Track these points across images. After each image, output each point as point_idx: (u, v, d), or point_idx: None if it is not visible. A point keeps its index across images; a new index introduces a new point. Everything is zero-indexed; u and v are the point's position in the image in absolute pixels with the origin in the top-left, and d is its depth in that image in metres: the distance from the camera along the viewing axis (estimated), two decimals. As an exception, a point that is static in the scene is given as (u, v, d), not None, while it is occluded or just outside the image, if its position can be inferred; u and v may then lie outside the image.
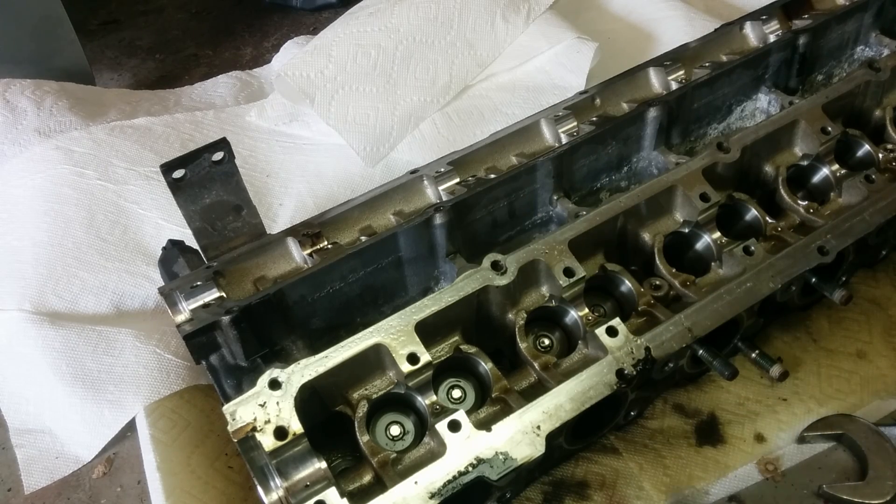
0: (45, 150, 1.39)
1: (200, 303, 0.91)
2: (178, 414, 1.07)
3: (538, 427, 0.82)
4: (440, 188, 1.06)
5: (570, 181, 1.13)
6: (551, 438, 0.82)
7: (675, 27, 1.63)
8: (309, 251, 0.98)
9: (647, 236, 1.05)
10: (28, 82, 1.54)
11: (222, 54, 1.92)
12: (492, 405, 0.91)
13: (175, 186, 0.91)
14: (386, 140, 1.42)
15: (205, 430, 1.06)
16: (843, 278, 1.11)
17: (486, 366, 0.92)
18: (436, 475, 0.78)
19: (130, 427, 1.08)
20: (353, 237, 1.03)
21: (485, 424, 0.82)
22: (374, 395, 0.89)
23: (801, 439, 1.01)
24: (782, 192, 1.10)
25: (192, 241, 0.98)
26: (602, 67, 1.50)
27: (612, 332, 0.89)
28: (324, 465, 0.80)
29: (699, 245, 1.06)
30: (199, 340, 0.89)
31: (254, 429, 0.79)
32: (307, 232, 0.99)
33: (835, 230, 1.00)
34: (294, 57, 1.53)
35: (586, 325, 0.93)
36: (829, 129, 1.13)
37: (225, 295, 0.92)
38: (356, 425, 0.87)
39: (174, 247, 1.00)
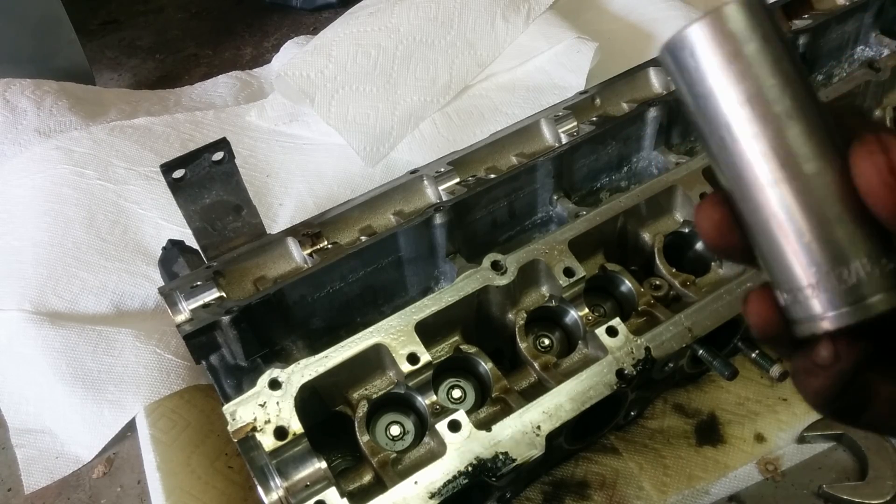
0: (45, 150, 1.39)
1: (200, 303, 0.91)
2: (178, 414, 1.07)
3: (538, 427, 0.82)
4: (440, 188, 1.06)
5: (570, 181, 1.13)
6: (551, 438, 0.82)
7: (675, 27, 1.62)
8: (309, 251, 0.98)
9: (647, 236, 1.05)
10: (28, 82, 1.54)
11: (222, 54, 1.92)
12: (492, 405, 0.91)
13: (175, 186, 0.91)
14: (386, 140, 1.42)
15: (205, 430, 1.06)
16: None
17: (486, 366, 0.93)
18: (436, 475, 0.78)
19: (130, 427, 1.08)
20: (353, 237, 1.03)
21: (485, 424, 0.82)
22: (374, 395, 0.89)
23: (801, 439, 1.01)
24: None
25: (192, 241, 0.98)
26: (602, 67, 1.50)
27: (612, 332, 0.89)
28: (324, 465, 0.80)
29: (699, 245, 1.06)
30: (199, 340, 0.89)
31: (254, 429, 0.79)
32: (307, 232, 0.99)
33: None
34: (294, 57, 1.53)
35: (586, 325, 0.93)
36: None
37: (225, 295, 0.92)
38: (356, 425, 0.87)
39: (174, 247, 1.00)
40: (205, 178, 0.92)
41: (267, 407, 0.80)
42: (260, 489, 0.79)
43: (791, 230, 0.37)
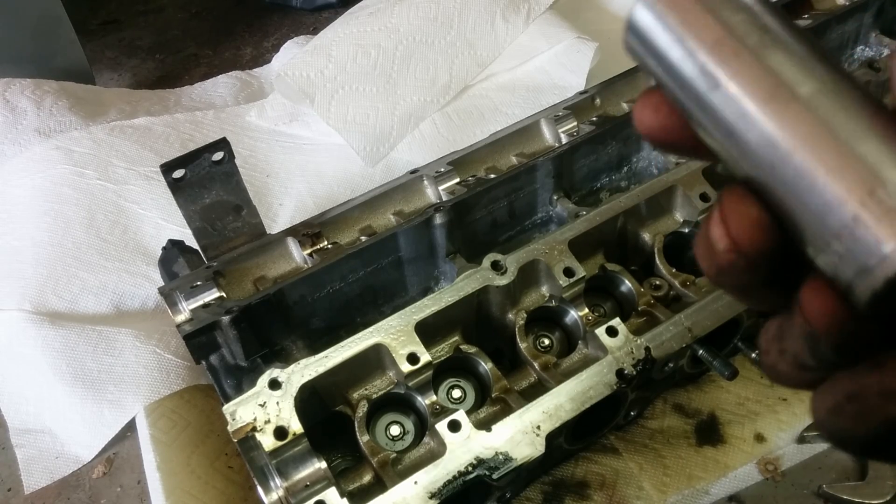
0: (45, 150, 1.39)
1: (200, 303, 0.91)
2: (178, 414, 1.07)
3: (538, 427, 0.82)
4: (440, 188, 1.06)
5: (570, 181, 1.13)
6: (551, 438, 0.82)
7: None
8: (309, 251, 0.98)
9: (647, 236, 1.05)
10: (28, 82, 1.54)
11: (222, 54, 1.92)
12: (492, 405, 0.91)
13: (175, 186, 0.91)
14: (386, 140, 1.42)
15: (205, 430, 1.06)
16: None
17: (486, 366, 0.93)
18: (436, 475, 0.78)
19: (130, 427, 1.08)
20: (353, 237, 1.03)
21: (485, 424, 0.82)
22: (374, 395, 0.89)
23: (801, 439, 1.01)
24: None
25: (192, 241, 0.98)
26: (602, 67, 1.50)
27: (612, 332, 0.89)
28: (324, 465, 0.80)
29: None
30: (199, 340, 0.89)
31: (254, 429, 0.79)
32: (307, 232, 0.99)
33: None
34: (294, 57, 1.53)
35: (586, 325, 0.93)
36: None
37: (225, 295, 0.92)
38: (356, 425, 0.87)
39: (174, 247, 1.00)
40: (205, 178, 0.92)
41: (267, 407, 0.80)
42: (260, 489, 0.79)
43: (809, 163, 0.29)
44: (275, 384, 0.82)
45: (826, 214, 0.29)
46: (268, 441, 0.78)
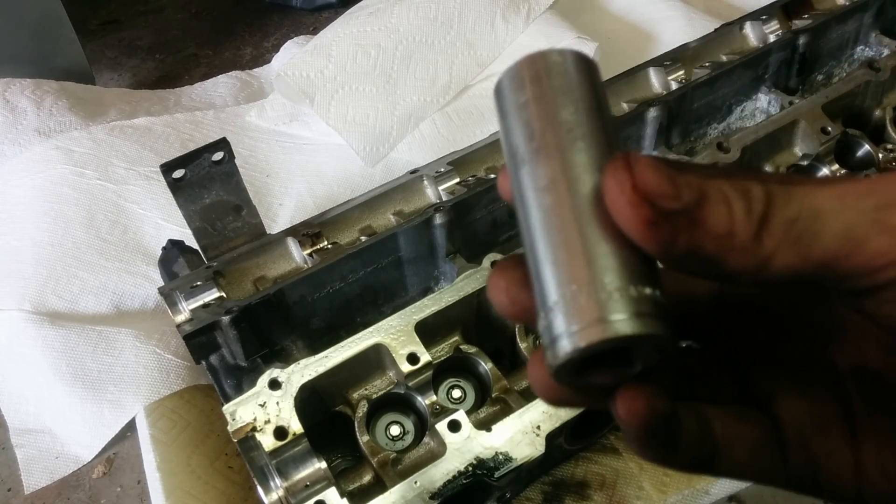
0: (45, 150, 1.39)
1: (200, 303, 0.91)
2: (178, 414, 1.07)
3: (538, 427, 0.82)
4: (440, 188, 1.06)
5: (569, 181, 1.13)
6: (551, 438, 0.82)
7: (675, 27, 1.63)
8: (309, 251, 0.98)
9: (647, 236, 1.05)
10: (28, 82, 1.54)
11: (222, 54, 1.92)
12: (492, 405, 0.91)
13: (175, 186, 0.91)
14: (386, 140, 1.42)
15: (205, 430, 1.06)
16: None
17: (486, 366, 0.93)
18: (436, 475, 0.78)
19: (130, 427, 1.08)
20: (353, 237, 1.03)
21: (485, 424, 0.82)
22: (374, 395, 0.90)
23: (801, 439, 1.01)
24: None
25: (192, 241, 0.98)
26: (602, 67, 1.49)
27: (612, 332, 0.89)
28: (324, 465, 0.80)
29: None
30: (199, 340, 0.89)
31: (254, 429, 0.79)
32: (307, 232, 0.99)
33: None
34: (294, 57, 1.53)
35: (586, 325, 0.93)
36: (829, 129, 1.13)
37: (225, 295, 0.92)
38: (356, 425, 0.87)
39: (174, 247, 1.00)
40: (205, 178, 0.92)
41: (267, 407, 0.80)
42: (260, 489, 0.79)
43: (544, 243, 0.37)
44: (275, 384, 0.82)
45: (550, 292, 0.36)
46: (268, 441, 0.79)
